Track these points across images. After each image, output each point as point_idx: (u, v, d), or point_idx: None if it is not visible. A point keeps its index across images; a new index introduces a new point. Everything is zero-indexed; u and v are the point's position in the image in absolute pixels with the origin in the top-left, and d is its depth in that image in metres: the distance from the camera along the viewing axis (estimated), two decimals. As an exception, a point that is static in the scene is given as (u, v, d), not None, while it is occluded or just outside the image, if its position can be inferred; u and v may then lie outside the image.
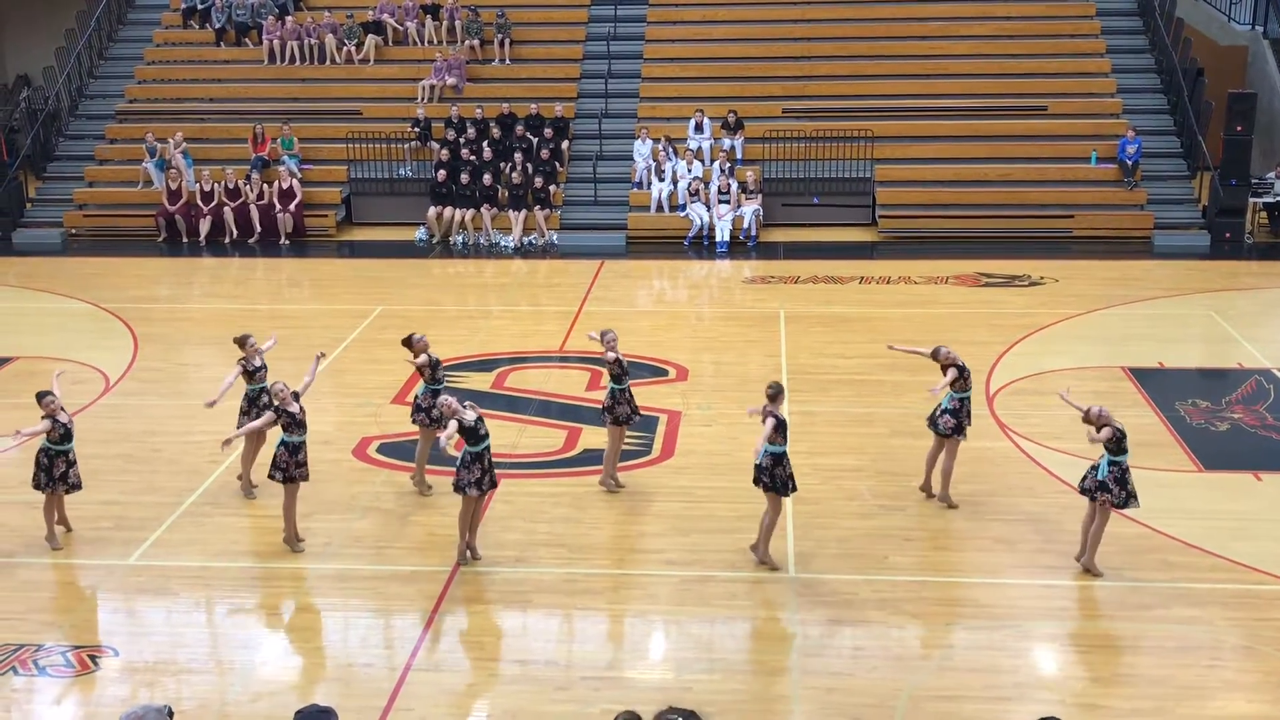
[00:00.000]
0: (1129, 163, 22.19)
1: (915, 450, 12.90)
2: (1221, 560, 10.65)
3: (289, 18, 26.13)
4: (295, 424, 10.87)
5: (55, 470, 11.13)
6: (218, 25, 26.43)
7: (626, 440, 13.23)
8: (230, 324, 17.66)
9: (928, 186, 22.80)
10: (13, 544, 11.29)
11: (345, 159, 23.61)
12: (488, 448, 10.55)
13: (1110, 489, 10.18)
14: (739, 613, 9.95)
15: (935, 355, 11.90)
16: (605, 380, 12.30)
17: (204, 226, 22.52)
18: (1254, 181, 22.06)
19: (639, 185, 22.87)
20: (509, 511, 11.70)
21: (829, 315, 17.36)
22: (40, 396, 11.21)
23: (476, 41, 25.57)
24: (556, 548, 11.02)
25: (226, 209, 22.53)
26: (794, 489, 10.63)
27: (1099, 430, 10.18)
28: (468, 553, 10.71)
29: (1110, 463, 10.22)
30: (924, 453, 12.78)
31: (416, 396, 12.35)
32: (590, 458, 12.90)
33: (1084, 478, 10.51)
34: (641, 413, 12.42)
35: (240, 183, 22.73)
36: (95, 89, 26.26)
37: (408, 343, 12.34)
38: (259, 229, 22.49)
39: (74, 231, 23.22)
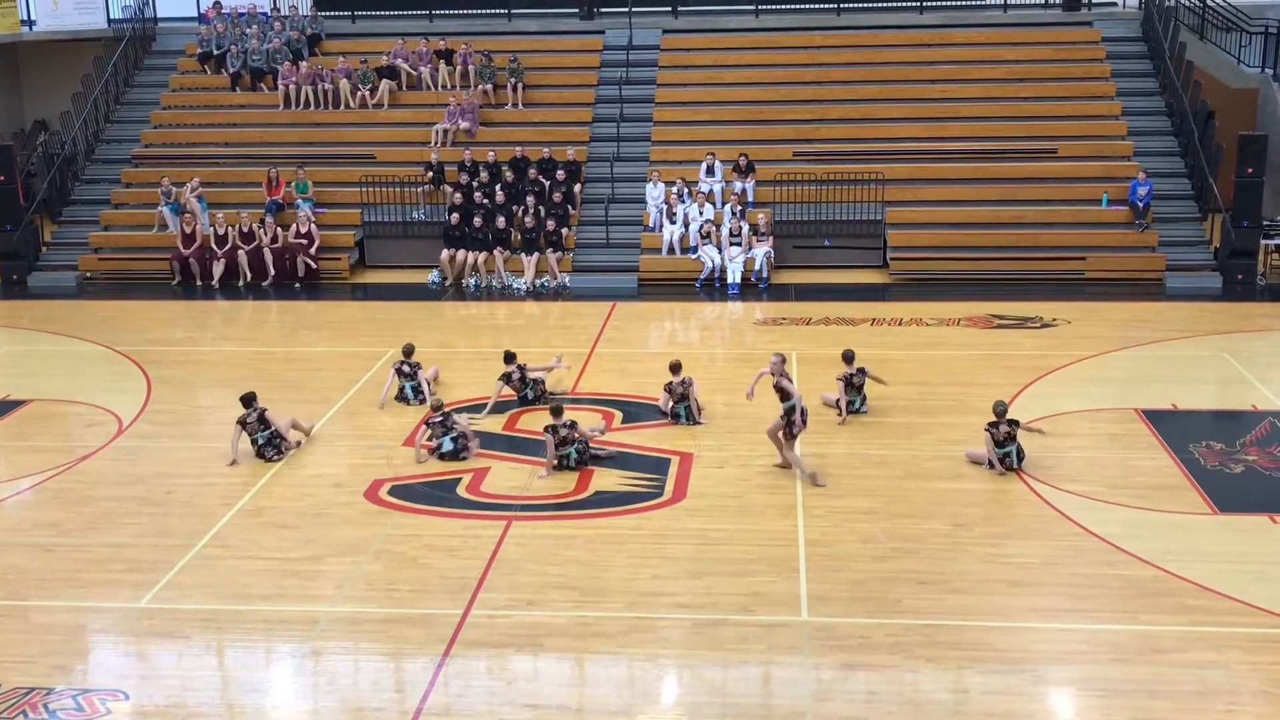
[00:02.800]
0: (1140, 205, 22.20)
1: (929, 492, 12.89)
2: (1239, 604, 10.56)
3: (304, 63, 26.38)
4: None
5: None
6: (233, 70, 26.70)
7: (637, 482, 13.28)
8: (244, 367, 17.78)
9: (939, 229, 22.84)
10: (24, 586, 11.29)
11: (359, 202, 23.76)
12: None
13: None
14: (752, 656, 9.90)
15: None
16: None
17: (218, 270, 22.64)
18: (1266, 223, 22.04)
19: (652, 229, 22.95)
20: (520, 554, 11.68)
21: (841, 357, 17.33)
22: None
23: (489, 86, 25.78)
24: (568, 590, 10.98)
25: (240, 252, 22.65)
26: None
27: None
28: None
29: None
30: (938, 495, 12.82)
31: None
32: (602, 500, 12.89)
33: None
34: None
35: (254, 226, 22.86)
36: (111, 134, 26.51)
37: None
38: (273, 272, 22.61)
39: (89, 275, 23.35)
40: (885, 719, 9.01)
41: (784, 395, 13.10)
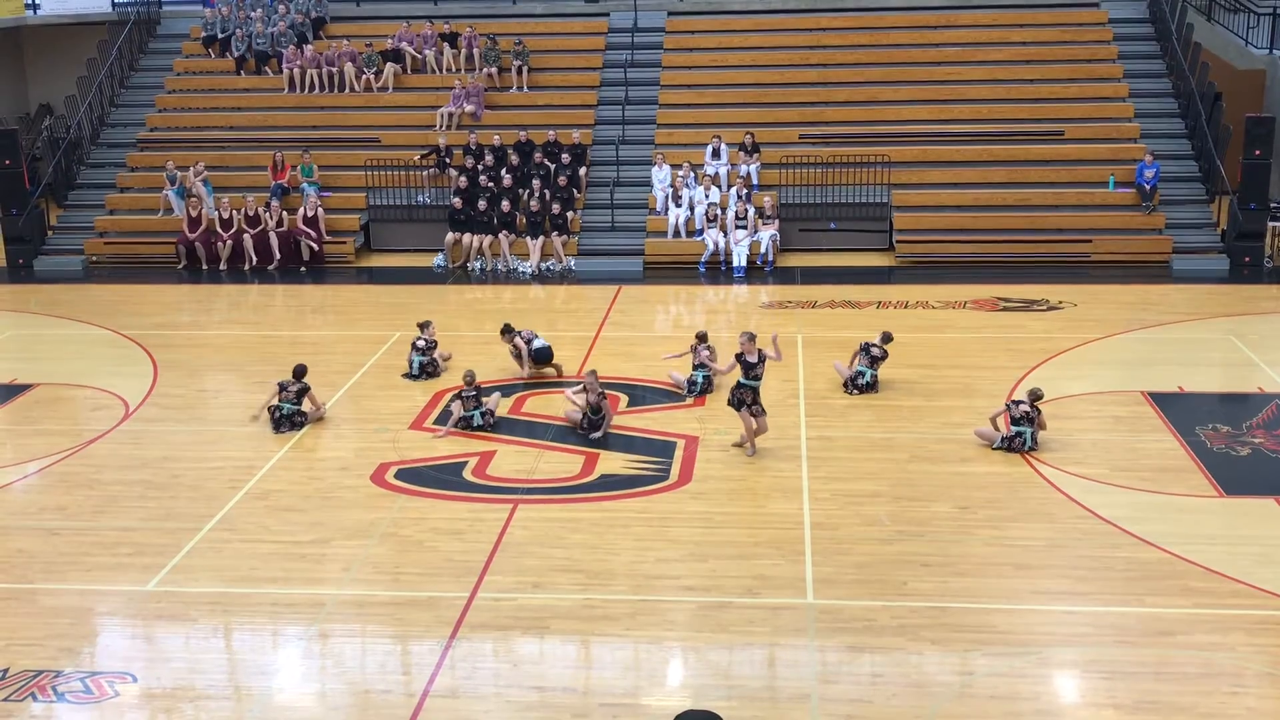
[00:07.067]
0: (1147, 187, 22.15)
1: (934, 475, 12.90)
2: (1243, 586, 10.57)
3: (309, 46, 26.34)
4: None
5: None
6: (238, 54, 26.66)
7: (643, 465, 13.30)
8: (249, 350, 17.82)
9: (945, 211, 22.79)
10: (31, 570, 11.34)
11: (364, 186, 23.74)
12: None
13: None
14: (757, 639, 9.92)
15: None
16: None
17: (223, 253, 22.65)
18: (1273, 205, 21.97)
19: (658, 212, 22.91)
20: (526, 537, 11.70)
21: (846, 340, 17.30)
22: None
23: (494, 69, 25.73)
24: (574, 573, 11.01)
25: (246, 236, 22.66)
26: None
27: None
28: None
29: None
30: (942, 478, 12.82)
31: None
32: (608, 483, 12.91)
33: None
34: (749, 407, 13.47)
35: (260, 210, 22.86)
36: (117, 117, 26.49)
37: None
38: (278, 255, 22.61)
39: (95, 259, 23.37)
40: (890, 701, 9.03)
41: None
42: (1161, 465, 13.11)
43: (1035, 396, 13.50)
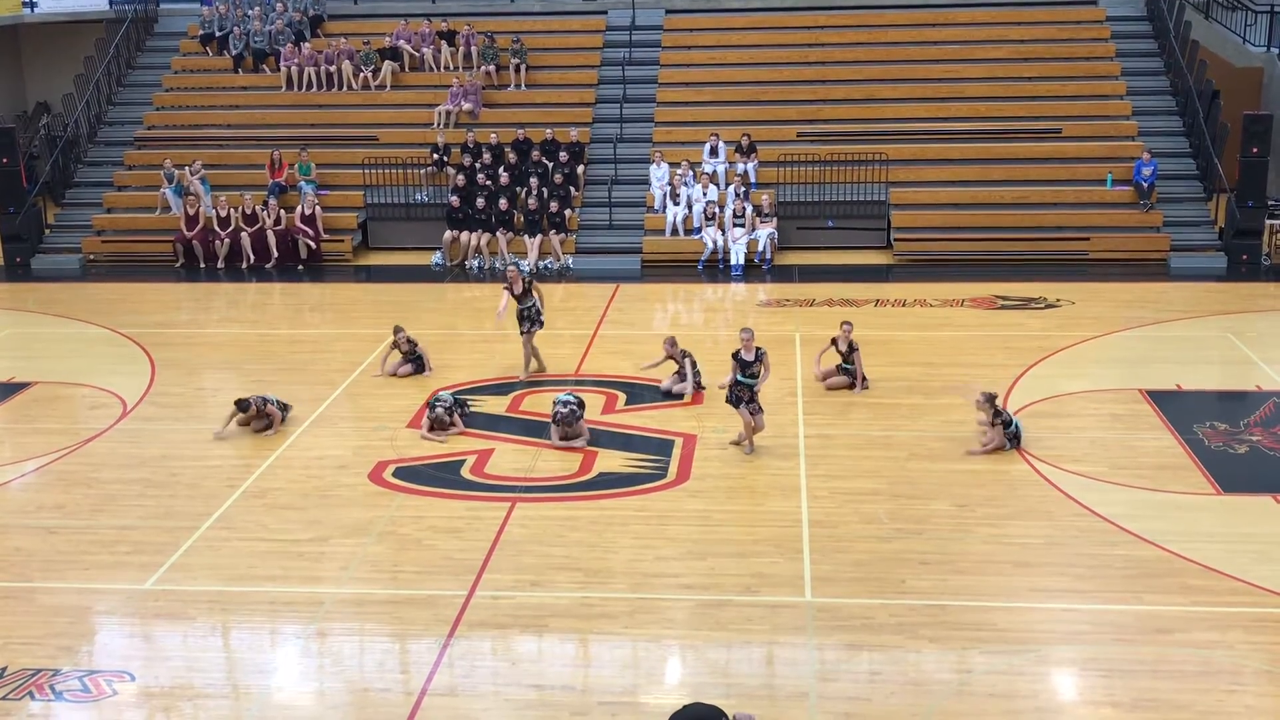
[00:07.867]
0: (1145, 185, 22.15)
1: (933, 473, 12.90)
2: (1242, 584, 10.58)
3: (306, 44, 26.33)
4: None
5: None
6: (236, 52, 26.64)
7: (641, 463, 13.30)
8: (247, 349, 17.80)
9: (943, 209, 22.79)
10: (29, 568, 11.33)
11: (362, 184, 23.73)
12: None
13: None
14: (755, 637, 9.92)
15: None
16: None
17: (221, 252, 22.63)
18: (1270, 203, 21.99)
19: (656, 210, 22.91)
20: (525, 535, 11.70)
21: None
22: None
23: (492, 67, 25.71)
24: (572, 571, 11.00)
25: (244, 234, 22.63)
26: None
27: None
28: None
29: None
30: (942, 476, 12.82)
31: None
32: (606, 481, 12.91)
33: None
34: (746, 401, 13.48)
35: (258, 208, 22.83)
36: (114, 116, 26.46)
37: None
38: (276, 254, 22.59)
39: (92, 257, 23.35)
40: (889, 699, 9.04)
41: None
42: (1159, 463, 13.12)
43: (990, 396, 13.56)
